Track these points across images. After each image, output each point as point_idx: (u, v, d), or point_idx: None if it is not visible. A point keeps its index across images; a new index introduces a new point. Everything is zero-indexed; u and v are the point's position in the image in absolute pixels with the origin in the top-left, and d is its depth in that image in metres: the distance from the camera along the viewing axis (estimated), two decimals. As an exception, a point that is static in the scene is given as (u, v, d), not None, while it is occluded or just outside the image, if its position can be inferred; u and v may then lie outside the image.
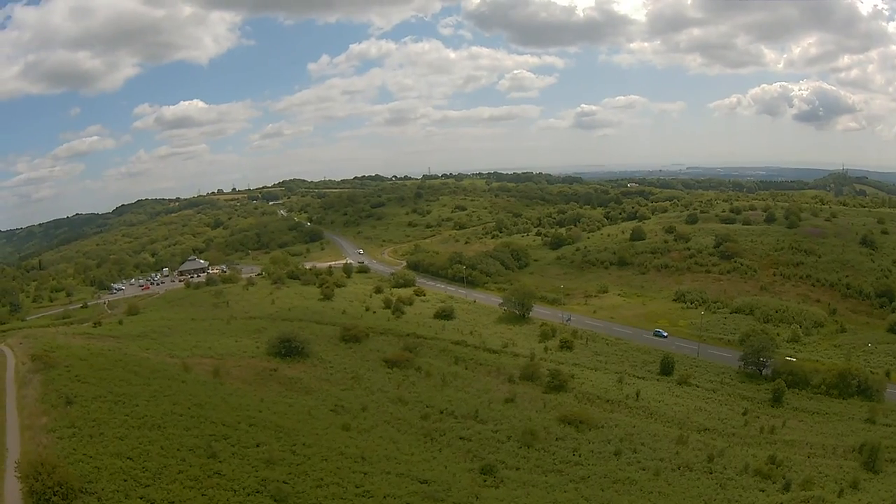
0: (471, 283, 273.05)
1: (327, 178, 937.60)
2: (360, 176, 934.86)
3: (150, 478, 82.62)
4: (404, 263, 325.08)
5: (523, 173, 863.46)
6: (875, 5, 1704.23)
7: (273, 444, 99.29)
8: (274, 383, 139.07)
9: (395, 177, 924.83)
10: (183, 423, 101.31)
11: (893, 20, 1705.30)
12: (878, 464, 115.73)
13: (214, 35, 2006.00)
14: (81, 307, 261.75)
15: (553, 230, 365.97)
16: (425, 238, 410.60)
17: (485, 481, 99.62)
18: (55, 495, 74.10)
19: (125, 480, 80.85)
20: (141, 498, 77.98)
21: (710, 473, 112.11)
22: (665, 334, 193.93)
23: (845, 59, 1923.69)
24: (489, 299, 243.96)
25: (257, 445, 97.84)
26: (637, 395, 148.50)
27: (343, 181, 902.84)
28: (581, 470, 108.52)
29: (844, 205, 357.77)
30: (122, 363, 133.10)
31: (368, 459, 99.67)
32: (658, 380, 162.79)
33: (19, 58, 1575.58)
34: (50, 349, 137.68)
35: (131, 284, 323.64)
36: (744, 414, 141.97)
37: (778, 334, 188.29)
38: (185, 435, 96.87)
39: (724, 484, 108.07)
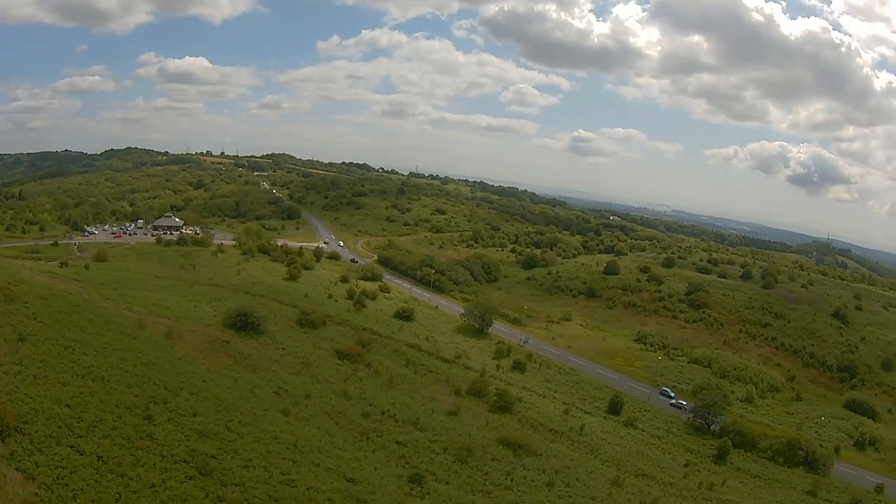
0: (437, 289, 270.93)
1: (315, 159, 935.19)
2: (347, 162, 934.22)
3: (84, 429, 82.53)
4: (375, 257, 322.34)
5: (509, 187, 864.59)
6: (890, 82, 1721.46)
7: (210, 416, 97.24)
8: (224, 355, 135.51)
9: (382, 169, 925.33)
10: (126, 380, 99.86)
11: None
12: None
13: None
14: (52, 244, 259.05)
15: (528, 250, 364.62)
16: (401, 235, 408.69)
17: (411, 489, 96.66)
18: (-11, 430, 74.46)
19: (59, 427, 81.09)
20: (71, 447, 78.35)
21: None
22: (672, 395, 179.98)
23: (850, 130, 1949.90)
24: (452, 307, 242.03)
25: (194, 415, 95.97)
26: (581, 429, 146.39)
27: (330, 164, 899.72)
28: (510, 495, 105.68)
29: (823, 274, 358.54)
30: (80, 309, 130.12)
31: (300, 448, 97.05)
32: (605, 417, 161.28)
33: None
34: (13, 282, 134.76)
35: (104, 230, 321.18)
36: (685, 466, 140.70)
37: (732, 392, 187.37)
38: (126, 392, 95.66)
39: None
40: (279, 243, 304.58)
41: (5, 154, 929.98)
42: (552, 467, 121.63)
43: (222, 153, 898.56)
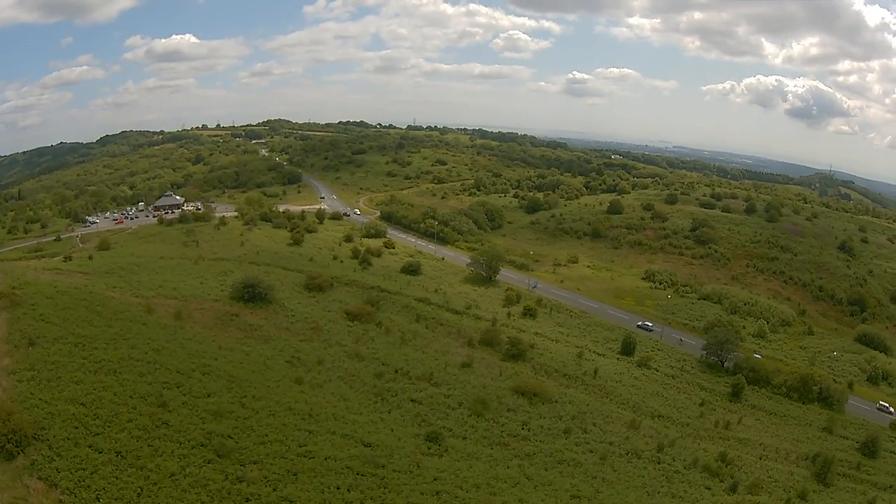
0: (442, 240, 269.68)
1: (312, 121, 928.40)
2: (344, 121, 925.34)
3: (101, 425, 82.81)
4: (378, 213, 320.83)
5: (508, 133, 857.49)
6: (883, 17, 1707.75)
7: (224, 395, 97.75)
8: (234, 329, 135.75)
9: (379, 125, 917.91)
10: (138, 369, 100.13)
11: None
12: (830, 477, 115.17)
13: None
14: (54, 240, 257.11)
15: (531, 194, 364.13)
16: (403, 189, 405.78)
17: (429, 448, 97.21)
18: (9, 442, 75.31)
19: (76, 428, 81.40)
20: (90, 447, 78.67)
21: (658, 464, 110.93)
22: (892, 410, 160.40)
23: (845, 64, 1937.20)
24: (458, 258, 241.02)
25: (208, 396, 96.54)
26: (595, 372, 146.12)
27: (328, 125, 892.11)
28: (528, 446, 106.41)
29: (827, 206, 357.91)
30: (87, 303, 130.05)
31: (316, 417, 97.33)
32: (618, 359, 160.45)
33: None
34: (18, 285, 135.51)
35: (105, 218, 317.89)
36: (700, 405, 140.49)
37: (744, 327, 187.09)
38: (139, 381, 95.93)
39: (671, 477, 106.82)
40: (281, 209, 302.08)
41: (1, 156, 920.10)
42: (568, 413, 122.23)
43: (218, 125, 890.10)
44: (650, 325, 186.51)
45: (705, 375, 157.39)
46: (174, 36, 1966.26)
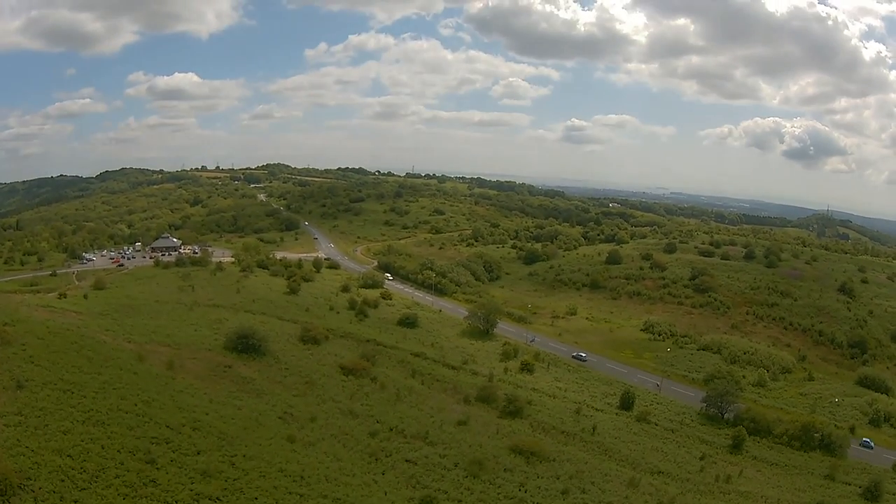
0: (439, 291, 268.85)
1: (311, 167, 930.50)
2: (343, 167, 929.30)
3: (87, 480, 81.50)
4: (375, 263, 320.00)
5: (506, 182, 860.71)
6: (879, 52, 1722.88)
7: (213, 453, 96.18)
8: (227, 381, 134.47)
9: (378, 171, 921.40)
10: (127, 422, 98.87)
11: (895, 68, 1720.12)
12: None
13: (217, 11, 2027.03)
14: (50, 275, 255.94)
15: (529, 244, 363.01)
16: (400, 239, 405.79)
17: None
18: (-6, 489, 73.74)
19: (62, 480, 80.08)
20: (75, 502, 77.38)
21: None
22: (872, 445, 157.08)
23: (842, 102, 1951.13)
24: (456, 310, 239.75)
25: (198, 453, 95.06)
26: (593, 428, 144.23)
27: (326, 171, 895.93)
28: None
29: (826, 249, 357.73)
30: (78, 346, 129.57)
31: (307, 479, 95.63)
32: (617, 413, 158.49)
33: (22, 12, 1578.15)
34: (11, 321, 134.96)
35: (102, 256, 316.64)
36: (701, 458, 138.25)
37: (744, 377, 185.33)
38: (127, 435, 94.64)
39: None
40: (278, 256, 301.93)
41: (1, 184, 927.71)
42: (566, 473, 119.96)
43: (217, 167, 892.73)
44: (584, 355, 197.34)
45: (705, 428, 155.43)
46: (177, 73, 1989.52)
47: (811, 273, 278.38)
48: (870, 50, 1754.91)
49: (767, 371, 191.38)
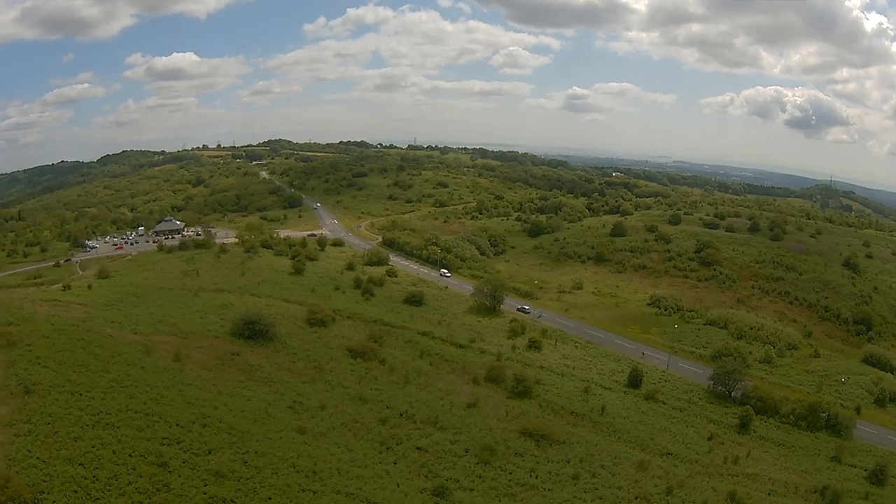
0: (445, 268, 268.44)
1: (312, 141, 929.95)
2: (345, 141, 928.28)
3: (101, 489, 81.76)
4: (380, 239, 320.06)
5: (509, 151, 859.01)
6: (880, 23, 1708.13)
7: (225, 451, 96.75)
8: (234, 370, 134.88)
9: (380, 144, 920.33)
10: (137, 423, 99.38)
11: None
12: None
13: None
14: (54, 265, 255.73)
15: (534, 217, 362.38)
16: (404, 213, 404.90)
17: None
18: (7, 510, 73.84)
19: (76, 492, 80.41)
20: None
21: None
22: (528, 308, 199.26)
23: (843, 72, 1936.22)
24: (462, 286, 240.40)
25: (209, 452, 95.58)
26: (602, 409, 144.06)
27: (328, 145, 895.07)
28: (536, 496, 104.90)
29: (831, 221, 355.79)
30: (84, 343, 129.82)
31: (320, 474, 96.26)
32: (625, 392, 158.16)
33: (17, 3, 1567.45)
34: (15, 320, 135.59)
35: (105, 242, 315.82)
36: (709, 439, 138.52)
37: (750, 353, 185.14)
38: (138, 437, 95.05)
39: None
40: (282, 235, 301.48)
41: (2, 174, 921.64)
42: (576, 456, 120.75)
43: (219, 145, 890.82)
44: (528, 307, 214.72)
45: (713, 406, 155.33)
46: (175, 54, 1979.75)
47: (816, 247, 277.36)
48: (871, 21, 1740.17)
49: (774, 347, 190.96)
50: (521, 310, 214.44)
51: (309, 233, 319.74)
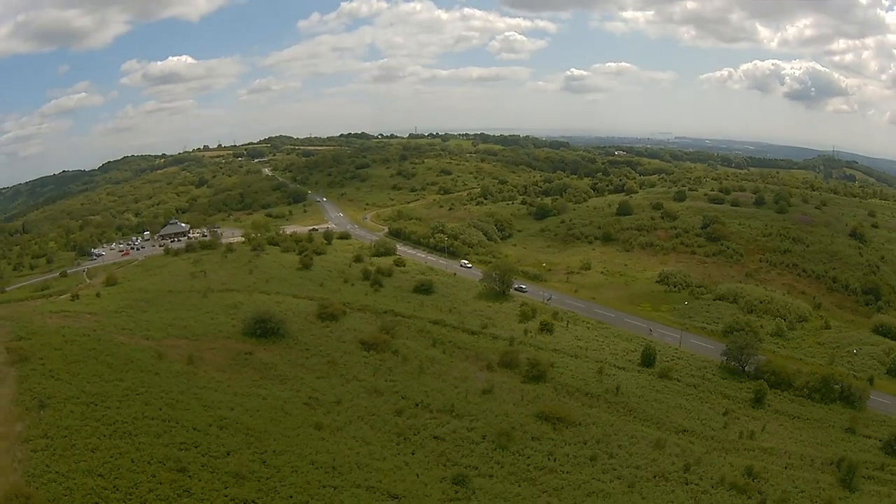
0: (452, 254, 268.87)
1: (313, 136, 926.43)
2: (346, 133, 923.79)
3: (121, 499, 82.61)
4: (386, 230, 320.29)
5: (510, 135, 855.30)
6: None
7: (244, 451, 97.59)
8: (248, 370, 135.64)
9: (381, 135, 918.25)
10: (154, 429, 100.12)
11: (892, 10, 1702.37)
12: (855, 481, 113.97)
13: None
14: (60, 275, 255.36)
15: (539, 199, 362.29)
16: (409, 203, 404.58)
17: (456, 492, 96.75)
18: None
19: (97, 503, 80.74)
20: None
21: (686, 485, 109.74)
22: (524, 287, 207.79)
23: (840, 43, 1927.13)
24: (470, 272, 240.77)
25: (227, 454, 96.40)
26: (617, 388, 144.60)
27: (329, 139, 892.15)
28: (555, 479, 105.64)
29: (835, 192, 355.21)
30: (97, 352, 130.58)
31: (339, 469, 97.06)
32: (639, 371, 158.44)
33: (9, 18, 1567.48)
34: (26, 334, 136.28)
35: (111, 249, 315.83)
36: (724, 414, 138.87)
37: (761, 326, 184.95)
38: (155, 444, 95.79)
39: (699, 498, 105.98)
40: (288, 231, 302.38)
41: (4, 188, 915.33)
42: (593, 437, 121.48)
43: (219, 145, 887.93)
44: (524, 286, 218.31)
45: (727, 382, 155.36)
46: (170, 58, 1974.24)
47: (822, 218, 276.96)
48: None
49: (784, 320, 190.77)
50: (518, 289, 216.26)
51: (313, 227, 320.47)
